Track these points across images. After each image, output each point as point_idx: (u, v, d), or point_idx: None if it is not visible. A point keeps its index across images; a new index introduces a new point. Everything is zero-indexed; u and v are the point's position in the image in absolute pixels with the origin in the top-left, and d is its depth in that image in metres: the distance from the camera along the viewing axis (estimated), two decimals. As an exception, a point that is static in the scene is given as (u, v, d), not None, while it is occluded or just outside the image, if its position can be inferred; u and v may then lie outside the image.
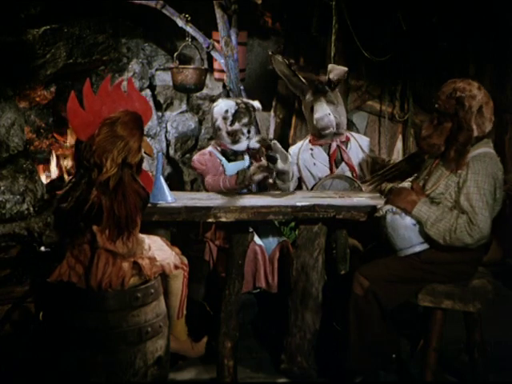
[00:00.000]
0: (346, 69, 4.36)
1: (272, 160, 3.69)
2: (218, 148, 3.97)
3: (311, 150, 4.37)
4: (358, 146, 4.38)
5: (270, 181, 3.81)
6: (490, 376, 3.28)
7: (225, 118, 3.88)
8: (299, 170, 4.36)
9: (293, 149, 4.47)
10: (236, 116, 3.86)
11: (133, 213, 2.76)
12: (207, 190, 3.87)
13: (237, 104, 3.91)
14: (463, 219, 2.95)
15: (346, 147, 4.36)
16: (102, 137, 2.72)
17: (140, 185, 2.82)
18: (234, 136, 3.88)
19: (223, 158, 3.94)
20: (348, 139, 4.40)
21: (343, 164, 4.30)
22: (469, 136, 3.00)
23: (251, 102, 4.03)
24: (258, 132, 5.28)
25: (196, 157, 3.98)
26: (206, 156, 3.94)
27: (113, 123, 2.75)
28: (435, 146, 3.11)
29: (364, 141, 4.46)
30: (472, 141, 3.03)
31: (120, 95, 2.89)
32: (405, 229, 3.09)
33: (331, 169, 4.30)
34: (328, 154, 4.34)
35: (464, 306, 3.11)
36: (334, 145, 4.33)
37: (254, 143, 3.89)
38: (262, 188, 3.98)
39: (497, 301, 3.29)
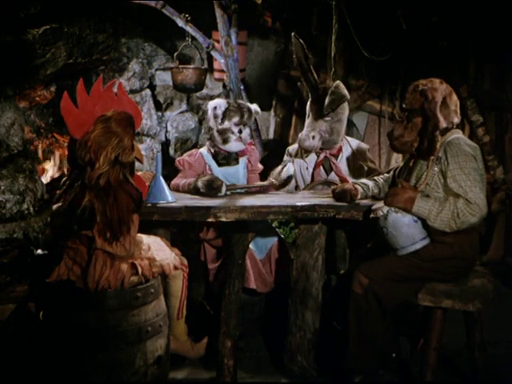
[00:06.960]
0: (347, 97, 4.06)
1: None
2: (212, 150, 3.91)
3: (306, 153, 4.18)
4: (351, 153, 4.14)
5: None
6: (490, 376, 3.28)
7: (215, 116, 3.83)
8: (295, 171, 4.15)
9: (291, 149, 4.31)
10: (226, 114, 3.81)
11: (125, 215, 2.74)
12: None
13: (227, 102, 3.88)
14: (461, 202, 3.03)
15: (337, 159, 4.11)
16: (97, 132, 2.73)
17: (133, 186, 2.81)
18: (224, 134, 3.81)
19: (213, 163, 3.88)
20: (339, 152, 4.13)
21: (333, 174, 4.10)
22: (435, 124, 3.18)
23: (248, 104, 3.97)
24: (258, 134, 5.28)
25: (183, 157, 3.93)
26: (192, 158, 3.88)
27: (107, 120, 2.76)
28: (407, 143, 3.26)
29: (360, 148, 4.20)
30: (440, 129, 3.18)
31: (111, 97, 2.91)
32: (407, 226, 3.11)
33: (312, 178, 4.12)
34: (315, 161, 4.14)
35: (464, 306, 3.10)
36: (321, 156, 4.11)
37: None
38: None
39: (497, 301, 3.29)
